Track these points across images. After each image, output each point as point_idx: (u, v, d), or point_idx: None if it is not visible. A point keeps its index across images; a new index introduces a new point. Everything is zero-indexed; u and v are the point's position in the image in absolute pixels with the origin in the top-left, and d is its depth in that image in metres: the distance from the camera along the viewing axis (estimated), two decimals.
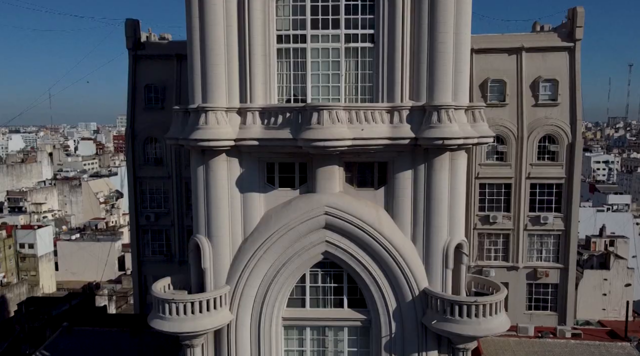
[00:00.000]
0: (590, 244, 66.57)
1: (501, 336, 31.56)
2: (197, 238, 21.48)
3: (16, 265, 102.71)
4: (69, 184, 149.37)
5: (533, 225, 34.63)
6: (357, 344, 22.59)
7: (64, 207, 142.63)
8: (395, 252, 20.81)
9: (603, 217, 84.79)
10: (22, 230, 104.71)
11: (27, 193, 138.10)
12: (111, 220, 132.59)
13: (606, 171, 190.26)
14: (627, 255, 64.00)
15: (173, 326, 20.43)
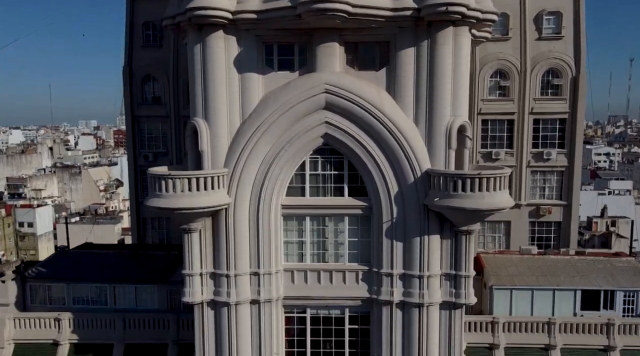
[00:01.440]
0: (591, 225, 66.12)
1: (503, 253, 31.23)
2: (194, 121, 20.98)
3: (15, 244, 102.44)
4: (68, 172, 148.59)
5: (536, 162, 34.05)
6: (357, 233, 22.02)
7: (63, 194, 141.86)
8: (397, 132, 20.27)
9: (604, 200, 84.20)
10: (22, 209, 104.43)
11: (27, 180, 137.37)
12: (111, 205, 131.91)
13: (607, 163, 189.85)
14: (628, 235, 63.52)
15: (169, 203, 19.91)
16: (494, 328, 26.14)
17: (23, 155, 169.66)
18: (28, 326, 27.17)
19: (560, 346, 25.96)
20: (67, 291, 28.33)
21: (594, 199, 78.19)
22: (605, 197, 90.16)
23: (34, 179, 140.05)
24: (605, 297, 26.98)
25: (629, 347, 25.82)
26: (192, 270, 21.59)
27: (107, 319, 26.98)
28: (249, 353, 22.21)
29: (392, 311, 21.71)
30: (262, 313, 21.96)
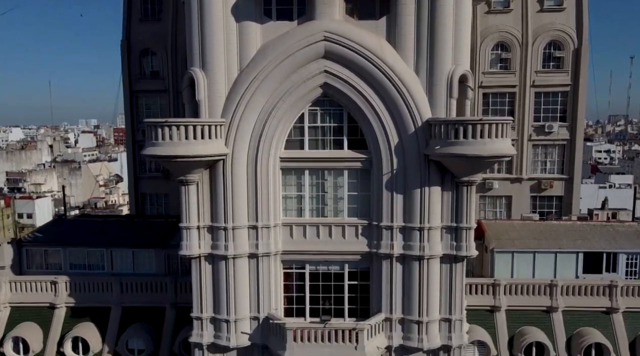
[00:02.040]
0: (592, 217, 65.88)
1: (505, 220, 30.99)
2: (191, 71, 20.71)
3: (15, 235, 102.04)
4: (68, 167, 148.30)
5: (537, 135, 33.80)
6: (357, 187, 21.72)
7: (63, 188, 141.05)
8: (398, 81, 19.99)
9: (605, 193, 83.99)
10: (21, 200, 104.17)
11: (27, 175, 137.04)
12: (111, 199, 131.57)
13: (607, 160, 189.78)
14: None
15: (165, 151, 19.62)
16: (495, 291, 25.85)
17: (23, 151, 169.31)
18: (24, 289, 26.89)
19: (562, 308, 25.67)
20: (64, 256, 28.05)
21: (595, 192, 77.93)
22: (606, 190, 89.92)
23: (33, 174, 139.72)
24: (607, 260, 26.69)
25: (632, 309, 25.55)
26: (190, 223, 21.31)
27: (104, 282, 26.68)
28: (247, 308, 21.93)
29: (392, 265, 21.42)
30: (260, 268, 21.67)
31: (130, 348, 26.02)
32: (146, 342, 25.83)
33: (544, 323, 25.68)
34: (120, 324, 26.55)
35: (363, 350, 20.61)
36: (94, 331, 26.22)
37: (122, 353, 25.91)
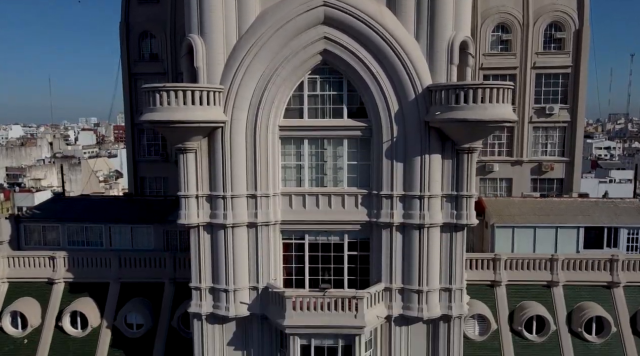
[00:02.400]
0: None
1: (506, 197, 30.86)
2: (189, 37, 20.53)
3: None
4: (68, 162, 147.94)
5: (538, 117, 33.65)
6: (356, 157, 21.57)
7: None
8: (398, 47, 19.82)
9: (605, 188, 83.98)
10: (20, 194, 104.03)
11: (27, 170, 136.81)
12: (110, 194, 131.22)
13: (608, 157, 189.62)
14: None
15: (163, 116, 19.43)
16: (495, 266, 25.71)
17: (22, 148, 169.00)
18: (22, 265, 26.76)
19: (562, 282, 25.54)
20: (62, 233, 27.91)
21: (595, 187, 77.95)
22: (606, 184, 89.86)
23: (33, 169, 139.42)
24: (608, 235, 26.55)
25: (633, 283, 25.42)
26: (188, 192, 21.15)
27: (103, 258, 26.54)
28: (246, 278, 21.78)
29: (392, 235, 21.26)
30: (259, 238, 21.52)
31: (129, 322, 25.89)
32: (145, 317, 25.70)
33: (545, 298, 25.55)
34: (118, 299, 26.42)
35: (363, 318, 20.46)
36: (93, 306, 26.09)
37: (120, 327, 25.79)
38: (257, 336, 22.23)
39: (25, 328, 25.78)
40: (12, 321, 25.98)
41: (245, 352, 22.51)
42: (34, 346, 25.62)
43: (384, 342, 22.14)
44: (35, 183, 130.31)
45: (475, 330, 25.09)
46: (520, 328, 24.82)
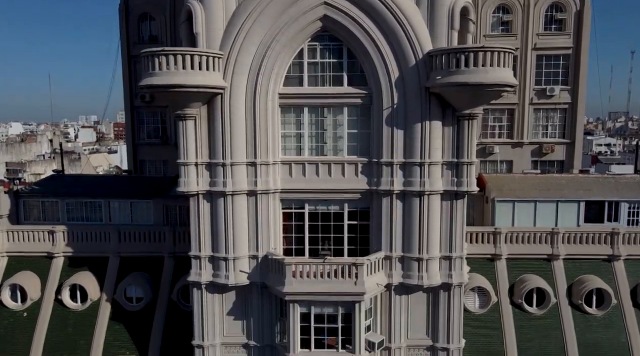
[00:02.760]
0: None
1: (506, 173, 30.83)
2: (189, 3, 20.44)
3: None
4: (68, 157, 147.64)
5: (539, 99, 33.62)
6: (357, 125, 21.47)
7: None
8: (399, 12, 19.72)
9: None
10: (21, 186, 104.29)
11: (26, 165, 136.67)
12: None
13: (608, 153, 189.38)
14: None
15: (163, 80, 19.31)
16: (496, 239, 25.67)
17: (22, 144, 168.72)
18: (21, 239, 26.69)
19: (563, 256, 25.48)
20: (61, 208, 27.89)
21: None
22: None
23: (33, 164, 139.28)
24: (609, 209, 26.51)
25: (633, 256, 25.36)
26: (187, 159, 21.08)
27: (102, 232, 26.47)
28: (246, 247, 21.70)
29: (392, 203, 21.19)
30: (259, 206, 21.44)
31: (128, 296, 25.83)
32: (144, 290, 25.65)
33: (545, 271, 25.50)
34: (118, 274, 26.37)
35: (362, 285, 20.40)
36: (92, 280, 26.04)
37: (120, 301, 25.74)
38: (257, 304, 22.16)
39: (25, 302, 25.73)
40: (12, 295, 25.93)
41: (245, 321, 22.45)
42: (33, 319, 25.56)
43: (383, 311, 22.09)
44: (35, 177, 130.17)
45: (475, 303, 25.04)
46: (521, 300, 24.76)
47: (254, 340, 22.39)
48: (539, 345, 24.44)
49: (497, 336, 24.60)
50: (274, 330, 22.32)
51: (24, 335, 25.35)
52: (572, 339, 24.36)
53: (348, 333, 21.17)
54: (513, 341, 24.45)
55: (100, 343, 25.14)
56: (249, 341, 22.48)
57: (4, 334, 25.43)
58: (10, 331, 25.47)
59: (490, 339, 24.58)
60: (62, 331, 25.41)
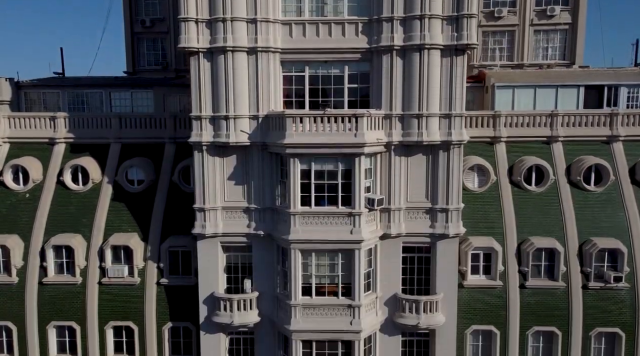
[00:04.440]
0: None
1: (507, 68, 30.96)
2: None
3: None
4: None
5: (539, 20, 33.52)
6: None
7: None
8: None
9: None
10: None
11: None
12: None
13: None
14: None
15: None
16: (495, 123, 25.72)
17: None
18: (23, 125, 26.77)
19: (562, 138, 25.58)
20: (62, 99, 28.00)
21: None
22: None
23: None
24: (609, 93, 26.58)
25: (632, 137, 25.43)
26: (187, 14, 21.07)
27: (103, 118, 26.55)
28: (247, 106, 21.77)
29: (393, 59, 21.22)
30: (259, 65, 21.47)
31: (130, 178, 25.97)
32: (146, 173, 25.74)
33: (544, 154, 25.58)
34: (119, 159, 26.45)
35: (363, 136, 20.49)
36: (94, 164, 26.14)
37: (121, 183, 25.86)
38: (258, 168, 22.27)
39: (27, 184, 25.85)
40: (14, 177, 26.07)
41: (246, 186, 22.57)
42: (35, 200, 25.73)
43: (383, 173, 22.19)
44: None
45: (474, 182, 25.16)
46: (519, 178, 24.88)
47: (255, 203, 22.54)
48: (537, 221, 24.59)
49: (497, 212, 24.75)
50: (274, 193, 22.45)
51: (26, 215, 25.52)
52: (570, 215, 24.52)
53: (348, 190, 21.34)
54: (512, 217, 24.61)
55: (102, 221, 25.32)
56: (249, 205, 22.63)
57: (6, 214, 25.60)
58: (13, 211, 25.64)
59: (489, 215, 24.74)
60: (64, 210, 25.57)
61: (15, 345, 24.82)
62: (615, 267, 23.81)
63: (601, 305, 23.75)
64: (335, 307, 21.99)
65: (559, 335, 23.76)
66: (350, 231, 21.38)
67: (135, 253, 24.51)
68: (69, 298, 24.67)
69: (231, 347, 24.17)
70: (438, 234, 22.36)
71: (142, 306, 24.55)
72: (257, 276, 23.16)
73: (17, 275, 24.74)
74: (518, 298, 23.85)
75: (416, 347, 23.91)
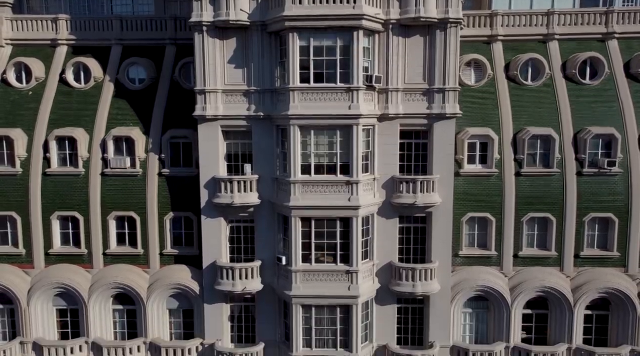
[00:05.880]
0: None
1: None
2: None
3: None
4: None
5: None
6: None
7: None
8: None
9: None
10: None
11: None
12: None
13: None
14: None
15: None
16: (492, 22, 26.03)
17: None
18: (25, 27, 27.06)
19: (558, 36, 25.91)
20: (64, 3, 28.28)
21: None
22: None
23: None
24: None
25: (627, 34, 25.75)
26: None
27: (105, 20, 26.82)
28: None
29: None
30: None
31: (131, 77, 26.32)
32: (147, 72, 26.06)
33: (540, 52, 25.89)
34: (120, 60, 26.79)
35: (360, 8, 20.80)
36: (96, 63, 26.48)
37: (123, 81, 26.18)
38: (257, 48, 22.60)
39: (30, 82, 26.19)
40: (17, 76, 26.40)
41: (246, 69, 22.93)
42: (38, 97, 26.09)
43: (381, 52, 22.51)
44: None
45: (471, 78, 25.52)
46: (516, 73, 25.24)
47: (254, 85, 22.89)
48: (533, 111, 24.98)
49: (493, 106, 25.13)
50: (274, 75, 22.79)
51: (30, 111, 25.89)
52: (565, 106, 24.89)
53: (346, 67, 21.71)
54: (508, 109, 25.00)
55: (104, 116, 25.68)
56: (249, 88, 22.98)
57: (10, 109, 25.96)
58: (17, 107, 26.00)
59: (486, 108, 25.11)
60: (66, 106, 25.94)
61: (20, 235, 25.28)
62: (609, 154, 24.23)
63: (595, 191, 24.18)
64: (334, 184, 22.43)
65: (554, 221, 24.23)
66: (349, 106, 21.80)
67: (136, 144, 24.90)
68: (72, 189, 25.10)
69: (232, 235, 24.66)
70: (435, 114, 22.75)
71: (144, 196, 24.98)
72: (256, 161, 23.57)
73: (20, 166, 25.17)
74: (514, 186, 24.30)
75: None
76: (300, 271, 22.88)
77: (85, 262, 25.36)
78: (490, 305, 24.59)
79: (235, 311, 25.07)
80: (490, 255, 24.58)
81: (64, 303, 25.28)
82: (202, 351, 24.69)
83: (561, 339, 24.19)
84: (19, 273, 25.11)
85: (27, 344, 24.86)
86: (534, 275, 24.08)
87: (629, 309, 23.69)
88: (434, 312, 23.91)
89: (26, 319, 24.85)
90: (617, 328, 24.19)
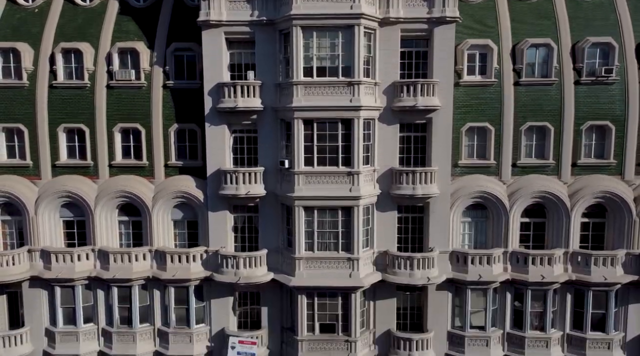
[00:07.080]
0: None
1: None
2: None
3: None
4: None
5: None
6: None
7: None
8: None
9: None
10: None
11: None
12: None
13: None
14: None
15: None
16: None
17: None
18: None
19: None
20: None
21: None
22: None
23: None
24: None
25: None
26: None
27: None
28: None
29: None
30: None
31: None
32: None
33: None
34: None
35: None
36: None
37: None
38: None
39: (35, 0, 26.63)
40: None
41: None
42: (44, 14, 26.47)
43: None
44: None
45: None
46: None
47: None
48: (532, 24, 25.22)
49: (492, 18, 25.37)
50: None
51: (36, 27, 26.25)
52: (564, 17, 25.15)
53: None
54: (507, 21, 25.27)
55: (109, 31, 26.02)
56: None
57: (17, 25, 26.33)
58: (23, 22, 26.37)
59: (485, 21, 25.35)
60: (72, 22, 26.31)
61: (27, 147, 25.75)
62: (607, 63, 24.59)
63: (592, 99, 24.59)
64: (335, 85, 22.87)
65: (552, 130, 24.66)
66: (350, 7, 22.21)
67: (141, 57, 25.30)
68: (78, 101, 25.53)
69: (235, 146, 25.10)
70: (435, 18, 23.12)
71: (149, 107, 25.41)
72: (259, 69, 23.97)
73: (27, 79, 25.60)
74: (512, 95, 24.71)
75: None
76: (302, 173, 23.37)
77: (91, 173, 25.84)
78: (489, 213, 25.06)
79: (238, 222, 25.56)
80: (489, 165, 25.03)
81: (71, 214, 25.80)
82: (207, 258, 25.22)
83: (558, 245, 24.68)
84: (27, 184, 25.62)
85: (35, 252, 25.41)
86: (531, 182, 24.55)
87: (625, 213, 24.14)
88: (434, 218, 24.40)
89: (34, 228, 25.37)
90: (613, 233, 24.65)
